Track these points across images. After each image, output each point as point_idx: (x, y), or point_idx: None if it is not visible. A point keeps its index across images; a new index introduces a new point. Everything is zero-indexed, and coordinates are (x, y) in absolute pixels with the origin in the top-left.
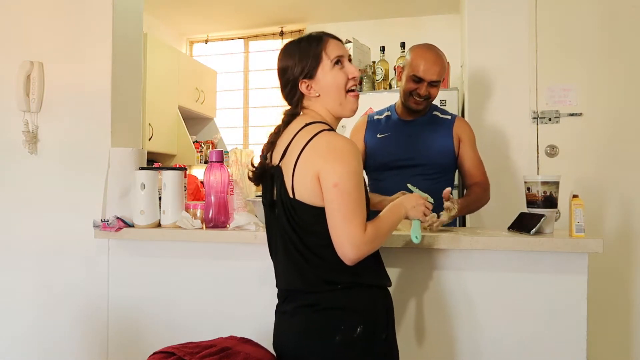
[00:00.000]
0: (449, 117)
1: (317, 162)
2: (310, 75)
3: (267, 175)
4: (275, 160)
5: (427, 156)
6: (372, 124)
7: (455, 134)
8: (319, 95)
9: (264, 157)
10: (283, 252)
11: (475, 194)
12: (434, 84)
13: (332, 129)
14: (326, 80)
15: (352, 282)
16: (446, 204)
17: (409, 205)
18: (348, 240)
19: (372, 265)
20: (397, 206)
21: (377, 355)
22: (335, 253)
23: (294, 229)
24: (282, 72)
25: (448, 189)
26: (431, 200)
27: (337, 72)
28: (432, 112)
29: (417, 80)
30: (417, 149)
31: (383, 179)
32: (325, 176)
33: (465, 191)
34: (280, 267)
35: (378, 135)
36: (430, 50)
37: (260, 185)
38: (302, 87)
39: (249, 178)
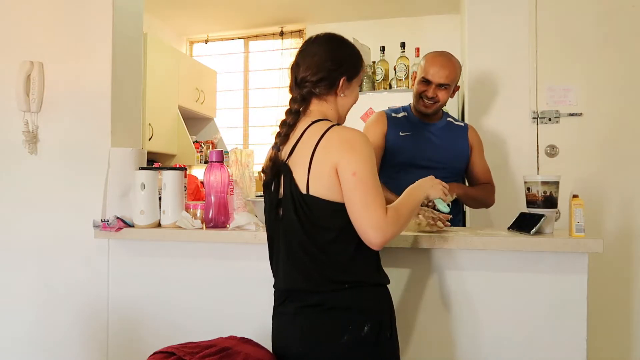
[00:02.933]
0: (462, 124)
1: (333, 156)
2: (350, 78)
3: (273, 174)
4: (283, 157)
5: (446, 159)
6: (393, 121)
7: (469, 142)
8: (344, 95)
9: (276, 148)
10: (286, 251)
11: (480, 187)
12: (442, 87)
13: (339, 124)
14: (352, 91)
15: (358, 281)
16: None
17: (427, 185)
18: (371, 224)
19: (375, 264)
20: (415, 188)
21: (382, 354)
22: (343, 251)
23: (303, 226)
24: (335, 60)
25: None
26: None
27: (357, 91)
28: (447, 119)
29: (426, 82)
30: (438, 152)
31: (399, 178)
32: (343, 167)
33: None
34: (281, 266)
35: (400, 134)
36: (441, 55)
37: (264, 185)
38: (340, 82)
39: (264, 172)
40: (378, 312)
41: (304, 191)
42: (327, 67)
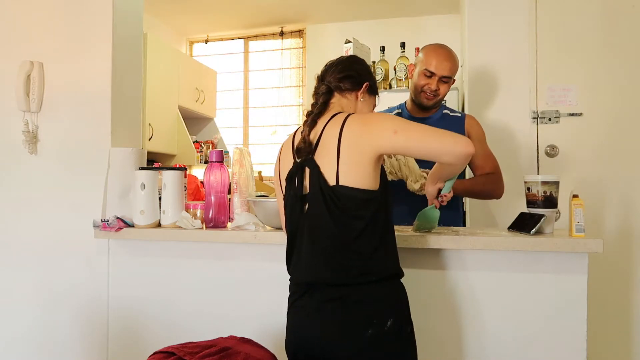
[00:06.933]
0: (458, 114)
1: (362, 137)
2: (370, 89)
3: (296, 170)
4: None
5: None
6: None
7: (466, 131)
8: (363, 100)
9: (307, 132)
10: (312, 245)
11: (482, 178)
12: (445, 80)
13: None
14: (370, 102)
15: (383, 273)
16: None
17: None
18: (453, 138)
19: (395, 255)
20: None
21: (404, 348)
22: (370, 241)
23: (334, 219)
24: (360, 69)
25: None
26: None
27: (373, 105)
28: (442, 111)
29: (429, 75)
30: None
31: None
32: (380, 137)
33: None
34: (304, 260)
35: None
36: (443, 48)
37: (288, 178)
38: (364, 86)
39: (300, 149)
40: (400, 306)
41: (332, 183)
42: (354, 68)
